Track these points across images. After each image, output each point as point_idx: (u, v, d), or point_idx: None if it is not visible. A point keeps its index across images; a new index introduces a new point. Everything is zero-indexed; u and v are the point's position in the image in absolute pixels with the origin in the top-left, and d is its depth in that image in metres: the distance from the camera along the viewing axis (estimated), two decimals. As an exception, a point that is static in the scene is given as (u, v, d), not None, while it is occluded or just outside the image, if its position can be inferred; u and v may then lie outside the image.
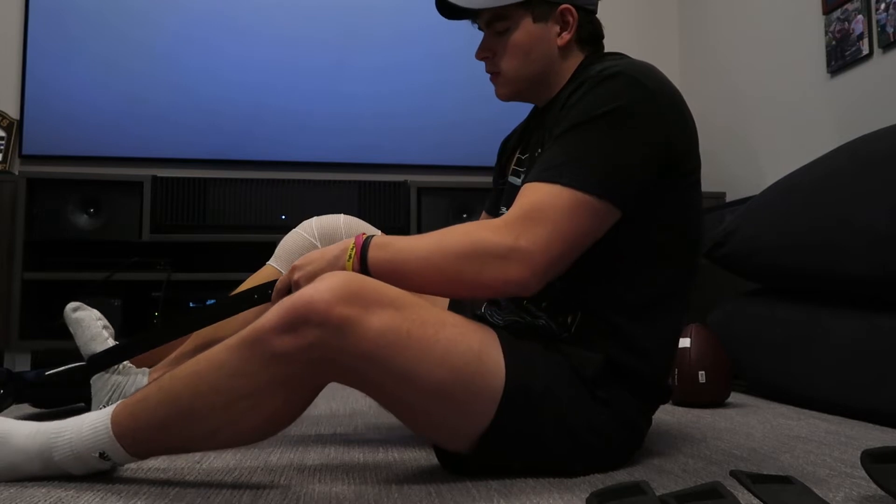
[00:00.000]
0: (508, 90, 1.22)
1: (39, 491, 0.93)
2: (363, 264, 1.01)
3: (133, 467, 1.05)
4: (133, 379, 1.35)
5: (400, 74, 3.15)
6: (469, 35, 1.27)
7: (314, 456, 1.20)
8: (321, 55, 3.10)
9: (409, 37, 3.15)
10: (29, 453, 0.95)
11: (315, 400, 1.00)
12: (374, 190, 2.80)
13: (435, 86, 3.16)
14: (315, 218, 1.49)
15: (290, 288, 1.08)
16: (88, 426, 0.95)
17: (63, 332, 2.44)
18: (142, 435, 0.94)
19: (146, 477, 1.03)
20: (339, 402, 1.78)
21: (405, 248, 1.01)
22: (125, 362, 1.37)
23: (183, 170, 2.92)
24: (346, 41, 3.12)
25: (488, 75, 1.25)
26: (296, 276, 1.06)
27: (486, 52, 1.21)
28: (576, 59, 1.19)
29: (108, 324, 1.43)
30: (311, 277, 1.02)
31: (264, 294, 1.18)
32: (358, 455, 1.20)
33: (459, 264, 0.98)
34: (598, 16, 1.22)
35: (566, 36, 1.16)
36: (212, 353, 0.94)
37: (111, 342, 1.40)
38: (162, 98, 2.96)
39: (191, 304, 2.59)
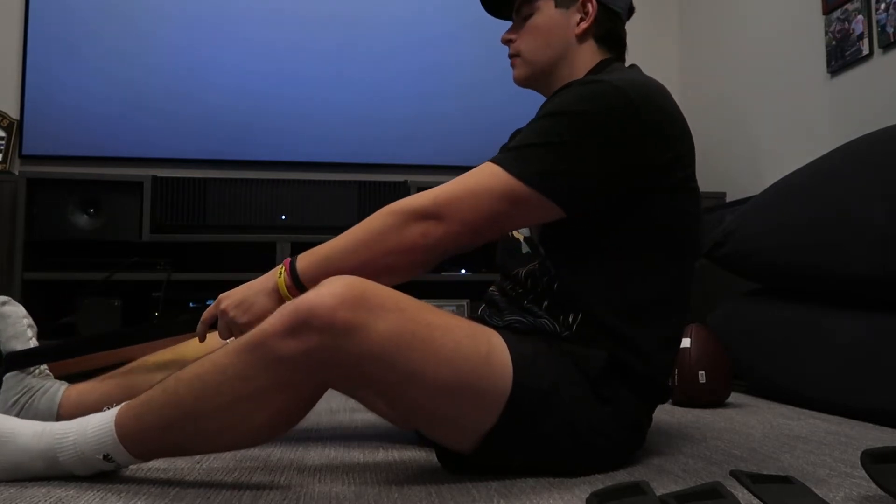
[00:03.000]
0: (525, 72, 1.24)
1: (39, 491, 0.93)
2: (294, 276, 1.04)
3: (134, 467, 1.05)
4: (47, 386, 1.30)
5: (400, 74, 3.14)
6: (469, 37, 1.27)
7: (314, 456, 1.20)
8: (321, 55, 3.10)
9: (409, 37, 3.15)
10: (33, 453, 0.96)
11: (315, 400, 1.00)
12: (374, 190, 2.80)
13: (435, 86, 3.16)
14: None
15: (216, 319, 1.09)
16: (93, 428, 0.95)
17: (64, 331, 2.45)
18: (145, 437, 0.95)
19: (146, 477, 1.03)
20: (339, 402, 1.78)
21: (330, 244, 1.06)
22: (44, 368, 1.33)
23: (183, 170, 2.91)
24: (347, 41, 3.12)
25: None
26: (223, 304, 1.07)
27: (511, 35, 1.25)
28: (592, 56, 1.20)
29: (32, 323, 1.38)
30: (239, 305, 1.05)
31: (188, 324, 1.17)
32: (358, 455, 1.20)
33: (382, 233, 1.03)
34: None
35: (583, 25, 1.18)
36: (215, 357, 0.94)
37: (34, 342, 1.36)
38: (162, 98, 2.95)
39: (191, 304, 2.59)
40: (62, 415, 1.24)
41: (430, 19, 3.17)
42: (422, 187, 2.80)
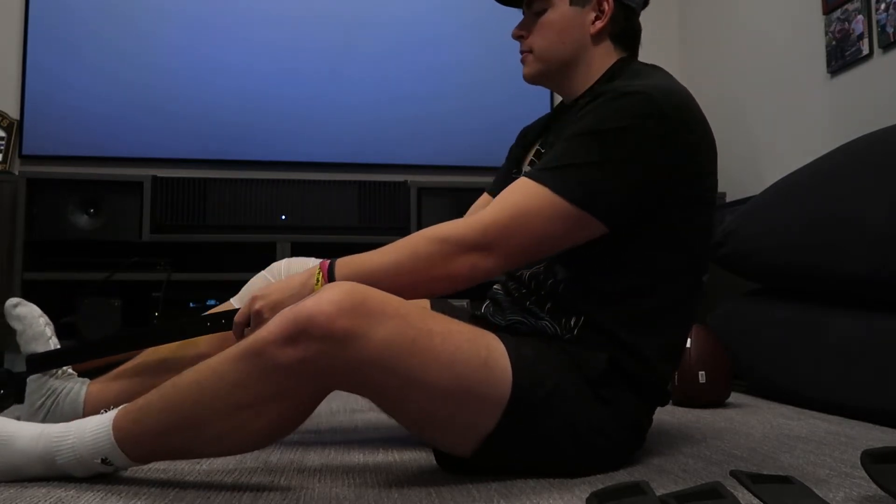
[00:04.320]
0: (535, 69, 1.22)
1: (40, 491, 0.93)
2: None
3: (134, 467, 1.05)
4: (70, 386, 1.29)
5: (400, 74, 3.14)
6: (469, 37, 1.27)
7: (314, 456, 1.20)
8: (321, 55, 3.09)
9: (409, 37, 3.15)
10: (31, 456, 0.96)
11: (315, 400, 1.00)
12: (374, 190, 2.79)
13: (435, 85, 3.15)
14: (285, 260, 1.45)
15: (249, 320, 1.07)
16: (90, 432, 0.95)
17: (64, 332, 2.45)
18: (143, 441, 0.94)
19: (146, 477, 1.03)
20: (339, 403, 1.78)
21: (373, 260, 1.03)
22: (66, 367, 1.32)
23: (183, 170, 2.91)
24: (347, 41, 3.12)
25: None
26: (257, 305, 1.05)
27: (522, 31, 1.22)
28: (607, 55, 1.18)
29: (49, 320, 1.38)
30: (274, 306, 1.02)
31: (218, 323, 1.16)
32: (358, 455, 1.20)
33: (429, 261, 1.01)
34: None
35: (599, 24, 1.17)
36: (213, 363, 0.93)
37: (54, 341, 1.36)
38: (162, 98, 2.95)
39: (191, 305, 2.59)
40: (88, 413, 1.23)
41: (430, 19, 3.17)
42: (422, 187, 2.81)
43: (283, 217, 2.71)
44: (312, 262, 1.38)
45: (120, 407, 0.97)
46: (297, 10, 3.09)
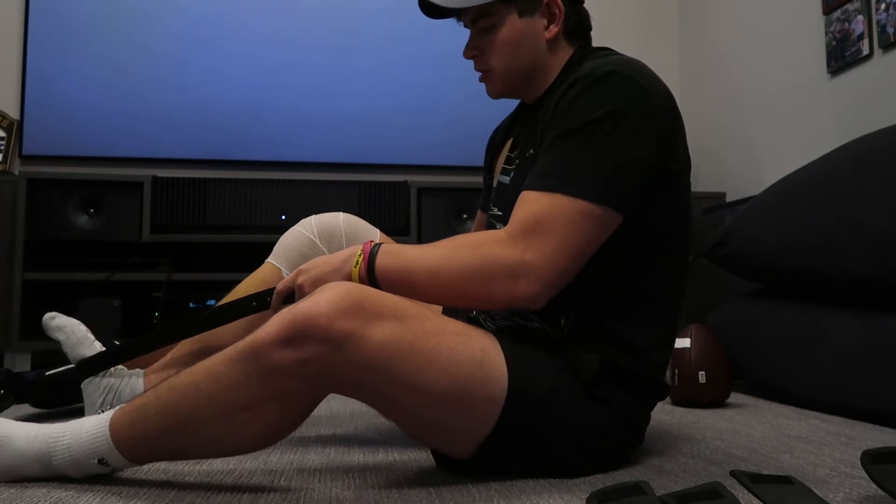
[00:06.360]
0: (499, 87, 1.21)
1: (40, 491, 0.93)
2: (371, 272, 1.01)
3: (132, 468, 1.05)
4: (127, 381, 1.34)
5: (400, 74, 3.14)
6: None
7: (314, 457, 1.20)
8: (321, 55, 3.10)
9: (409, 36, 3.15)
10: (27, 457, 0.95)
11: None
12: (374, 190, 2.80)
13: (435, 85, 3.16)
14: (314, 216, 1.49)
15: (292, 292, 1.07)
16: (87, 432, 0.94)
17: (63, 332, 2.45)
18: (140, 442, 0.94)
19: (146, 478, 1.03)
20: (339, 403, 1.78)
21: (414, 258, 1.01)
22: (117, 366, 1.36)
23: (183, 170, 2.91)
24: (346, 41, 3.12)
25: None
26: (300, 279, 1.05)
27: (474, 51, 1.20)
28: (565, 52, 1.18)
29: (87, 328, 1.42)
30: (315, 282, 1.02)
31: (263, 301, 1.16)
32: (358, 456, 1.20)
33: (468, 279, 0.98)
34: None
35: (554, 29, 1.15)
36: (210, 364, 0.92)
37: (98, 345, 1.39)
38: (162, 98, 2.95)
39: (191, 305, 2.58)
40: None
41: (430, 19, 3.16)
42: (422, 187, 2.81)
43: (283, 217, 2.71)
44: (342, 217, 1.47)
45: (117, 407, 0.97)
46: (297, 10, 3.09)
